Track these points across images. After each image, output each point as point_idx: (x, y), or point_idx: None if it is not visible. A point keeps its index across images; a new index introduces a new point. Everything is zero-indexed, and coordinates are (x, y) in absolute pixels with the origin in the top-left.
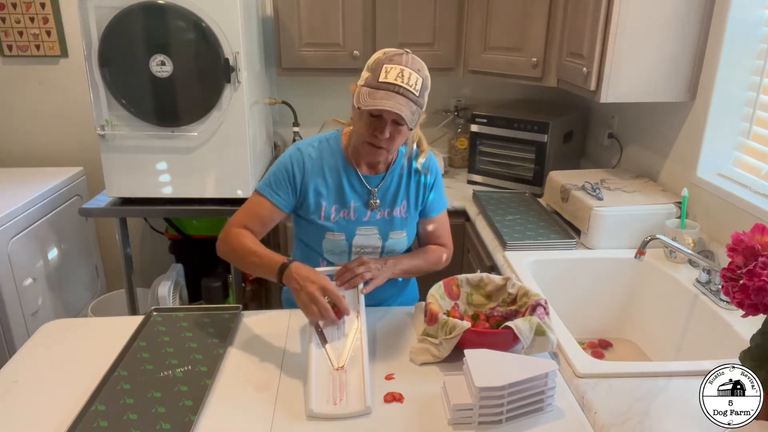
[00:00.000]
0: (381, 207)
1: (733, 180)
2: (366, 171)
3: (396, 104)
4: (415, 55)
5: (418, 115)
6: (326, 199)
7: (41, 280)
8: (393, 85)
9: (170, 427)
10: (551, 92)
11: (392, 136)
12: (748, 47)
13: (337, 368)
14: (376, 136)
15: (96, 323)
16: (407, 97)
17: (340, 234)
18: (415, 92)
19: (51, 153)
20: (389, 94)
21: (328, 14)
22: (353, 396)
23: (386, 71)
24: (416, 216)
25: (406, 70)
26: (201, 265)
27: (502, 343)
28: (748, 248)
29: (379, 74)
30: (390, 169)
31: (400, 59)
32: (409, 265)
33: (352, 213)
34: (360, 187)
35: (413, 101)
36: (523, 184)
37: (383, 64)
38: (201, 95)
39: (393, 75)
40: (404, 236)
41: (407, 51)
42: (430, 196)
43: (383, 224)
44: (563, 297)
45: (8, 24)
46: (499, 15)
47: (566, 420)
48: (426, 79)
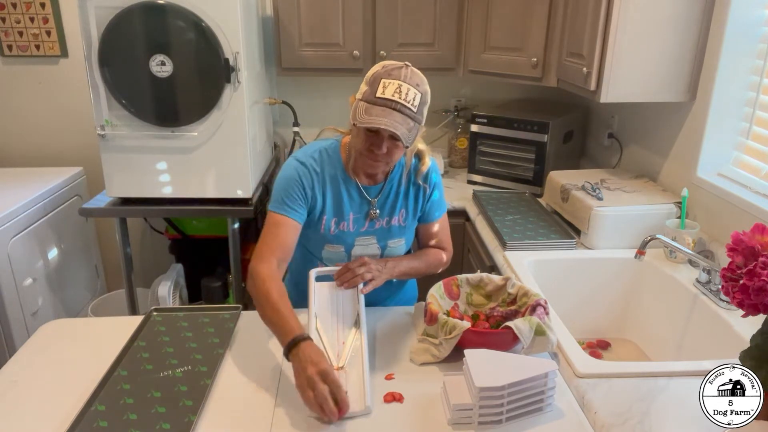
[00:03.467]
0: (380, 217)
1: (733, 180)
2: (365, 182)
3: (392, 122)
4: (415, 69)
5: (416, 131)
6: (327, 212)
7: (41, 280)
8: (390, 101)
9: (170, 427)
10: (551, 92)
11: (389, 151)
12: (748, 47)
13: (337, 368)
14: (373, 151)
15: (96, 323)
16: (404, 113)
17: (339, 246)
18: (412, 108)
19: (51, 153)
20: (386, 110)
21: (328, 14)
22: (353, 396)
23: (384, 86)
24: (415, 223)
25: (404, 85)
26: (201, 265)
27: (502, 343)
28: (748, 248)
29: (377, 89)
30: (389, 178)
31: (399, 73)
32: (408, 267)
33: (351, 224)
34: (359, 198)
35: (411, 117)
36: (523, 184)
37: (381, 78)
38: (201, 95)
39: (390, 91)
40: (402, 243)
41: (407, 64)
42: (430, 200)
43: (381, 233)
44: (563, 297)
45: (8, 24)
46: (499, 15)
47: (566, 420)
48: (425, 94)
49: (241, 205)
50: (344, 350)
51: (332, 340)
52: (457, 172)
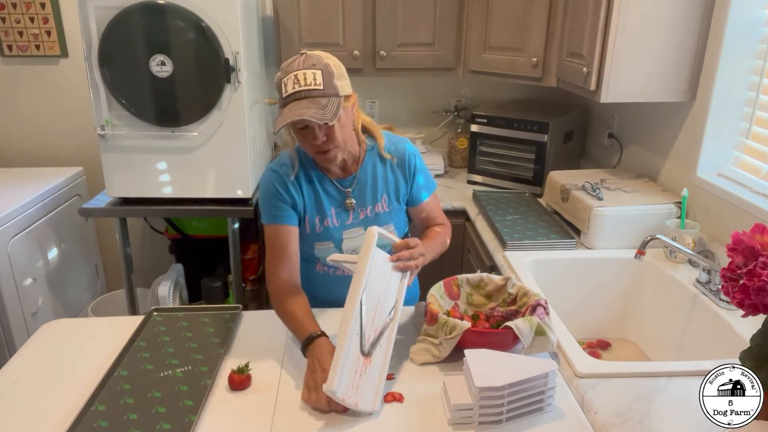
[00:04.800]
0: (361, 206)
1: (733, 180)
2: (338, 175)
3: (298, 111)
4: (315, 51)
5: (337, 104)
6: (308, 211)
7: (41, 280)
8: (292, 95)
9: (170, 427)
10: (551, 92)
11: (328, 135)
12: (748, 47)
13: (366, 355)
14: (315, 144)
15: (96, 323)
16: (310, 97)
17: (328, 243)
18: (317, 87)
19: (51, 153)
20: (293, 104)
21: (328, 14)
22: (368, 393)
23: (284, 85)
24: (402, 206)
25: (300, 72)
26: (201, 265)
27: (502, 343)
28: (748, 248)
29: (282, 91)
30: (361, 167)
31: (293, 66)
32: (433, 251)
33: (335, 219)
34: (335, 191)
35: (319, 96)
36: (523, 184)
37: (281, 80)
38: (201, 95)
39: (290, 86)
40: (393, 229)
41: (302, 52)
42: (415, 184)
43: (367, 223)
44: (563, 297)
45: (8, 24)
46: (499, 15)
47: (566, 420)
48: (326, 67)
49: (241, 205)
50: (376, 338)
51: (368, 322)
52: (457, 172)
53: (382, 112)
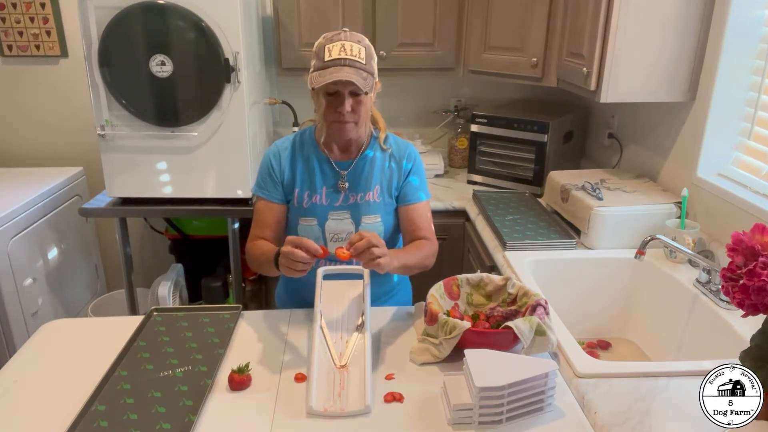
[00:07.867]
0: (353, 191)
1: (733, 180)
2: (338, 157)
3: (345, 74)
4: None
5: (372, 82)
6: (299, 185)
7: (41, 280)
8: (338, 59)
9: (170, 427)
10: (551, 92)
11: (354, 108)
12: (748, 47)
13: (340, 366)
14: (339, 111)
15: (96, 323)
16: (354, 66)
17: (312, 219)
18: (361, 61)
19: (51, 153)
20: (337, 68)
21: (328, 14)
22: (354, 395)
23: (329, 51)
24: (392, 203)
25: (347, 43)
26: (201, 265)
27: (502, 343)
28: (748, 248)
29: (324, 55)
30: (362, 154)
31: (339, 37)
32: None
33: (324, 198)
34: (330, 171)
35: (361, 69)
36: (523, 184)
37: (324, 46)
38: (201, 95)
39: (336, 51)
40: (379, 221)
41: (345, 29)
42: (407, 182)
43: (356, 209)
44: (563, 297)
45: (8, 24)
46: (499, 15)
47: (566, 420)
48: (368, 47)
49: (241, 205)
50: (347, 349)
51: (336, 339)
52: (457, 172)
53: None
